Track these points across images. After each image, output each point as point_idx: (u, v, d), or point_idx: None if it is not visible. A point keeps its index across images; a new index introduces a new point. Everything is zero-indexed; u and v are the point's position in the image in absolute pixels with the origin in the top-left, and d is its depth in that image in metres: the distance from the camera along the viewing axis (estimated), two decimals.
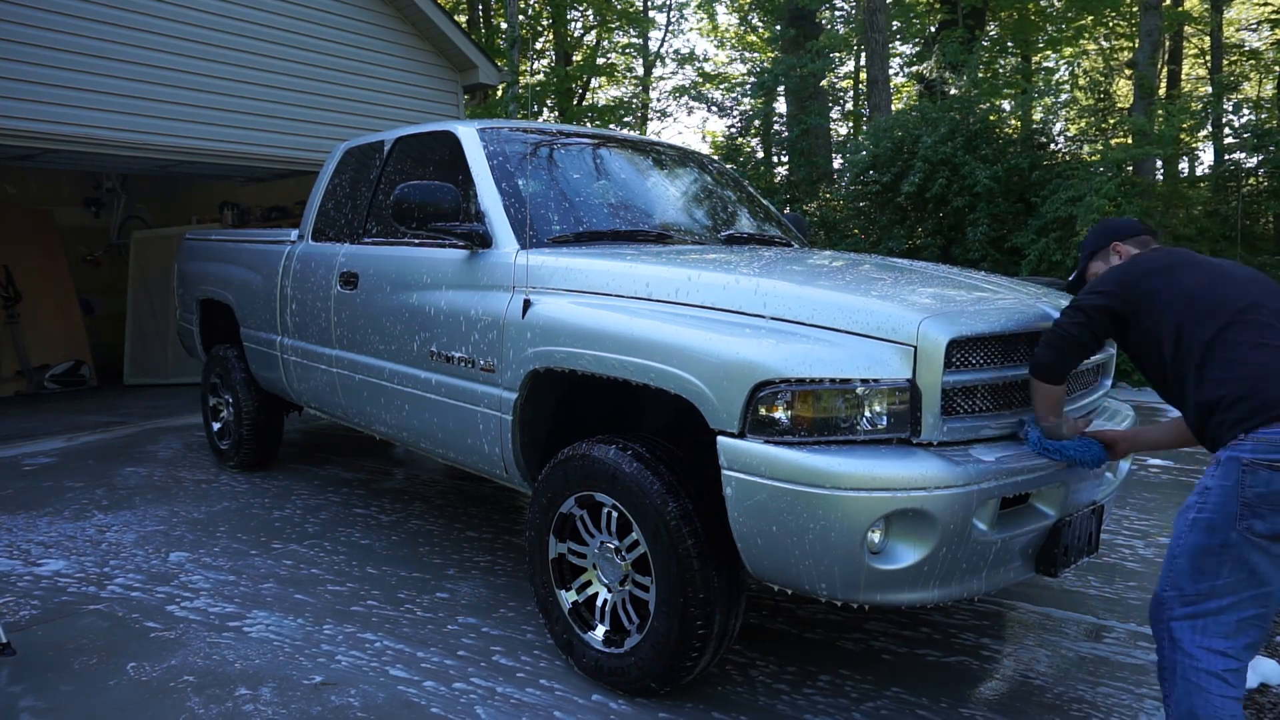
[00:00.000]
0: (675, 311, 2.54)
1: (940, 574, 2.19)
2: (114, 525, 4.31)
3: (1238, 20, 16.76)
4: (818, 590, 2.22)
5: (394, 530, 4.26)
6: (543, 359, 2.82)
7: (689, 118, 41.73)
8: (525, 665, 2.87)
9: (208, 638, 3.06)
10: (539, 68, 20.74)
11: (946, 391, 2.24)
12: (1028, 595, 3.49)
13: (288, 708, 2.59)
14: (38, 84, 6.04)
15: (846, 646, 3.06)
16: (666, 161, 4.18)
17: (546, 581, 2.85)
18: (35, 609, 3.30)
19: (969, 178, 9.90)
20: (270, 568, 3.74)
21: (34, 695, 2.66)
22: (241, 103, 7.27)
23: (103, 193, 10.54)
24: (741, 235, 3.89)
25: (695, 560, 2.38)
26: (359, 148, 4.43)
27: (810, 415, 2.19)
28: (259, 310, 4.84)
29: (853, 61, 19.36)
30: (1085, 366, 2.75)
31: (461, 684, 2.74)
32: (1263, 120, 11.44)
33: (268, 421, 5.22)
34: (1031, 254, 9.37)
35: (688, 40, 37.06)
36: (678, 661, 2.47)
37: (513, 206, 3.26)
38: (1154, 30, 10.58)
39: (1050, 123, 11.97)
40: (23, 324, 8.45)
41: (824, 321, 2.31)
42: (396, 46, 8.54)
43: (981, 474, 2.17)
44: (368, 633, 3.11)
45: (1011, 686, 2.80)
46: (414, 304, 3.48)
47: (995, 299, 2.55)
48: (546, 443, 3.08)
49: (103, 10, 6.37)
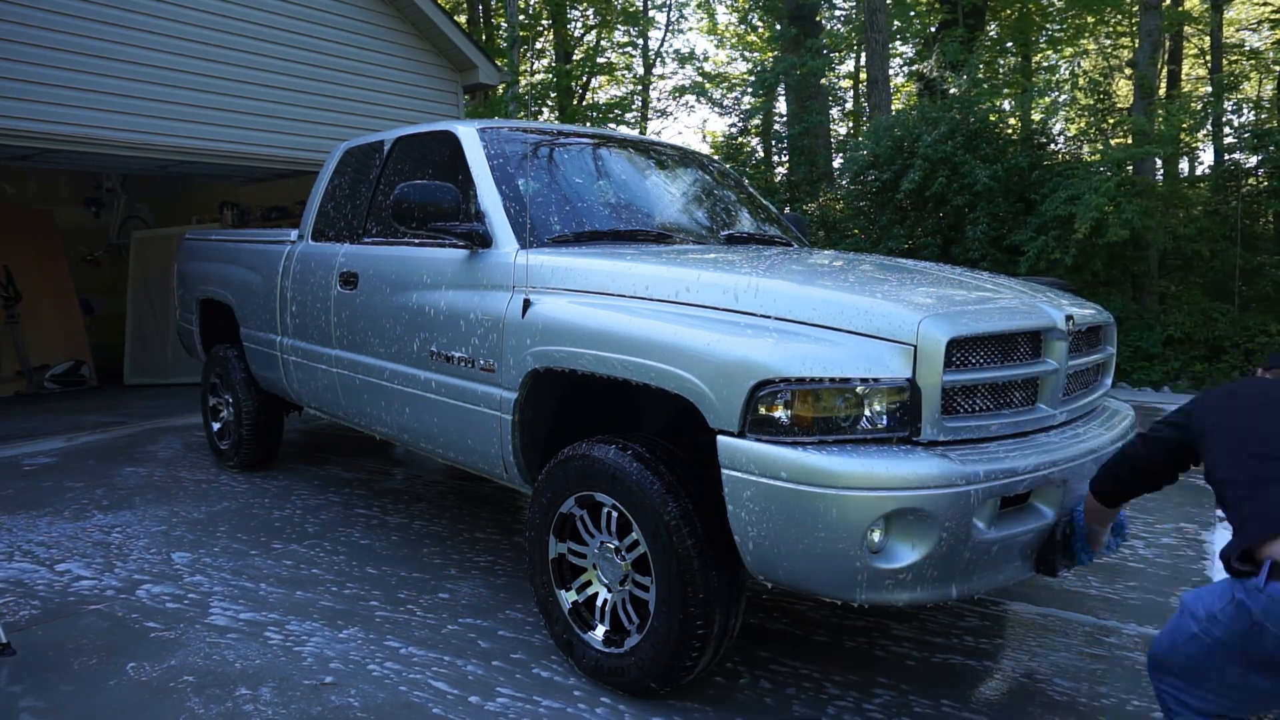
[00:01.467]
0: (675, 311, 2.54)
1: (940, 573, 2.19)
2: (114, 525, 4.31)
3: (1238, 20, 16.76)
4: (817, 590, 2.22)
5: (394, 530, 4.26)
6: (543, 359, 2.82)
7: (689, 118, 41.73)
8: (526, 666, 2.88)
9: (208, 638, 3.06)
10: (539, 67, 20.75)
11: (946, 391, 2.25)
12: (1028, 595, 3.49)
13: (288, 708, 2.59)
14: (38, 84, 6.04)
15: (846, 646, 3.06)
16: (667, 161, 4.18)
17: (546, 581, 2.85)
18: (35, 609, 3.30)
19: (969, 177, 9.90)
20: (270, 568, 3.74)
21: (34, 695, 2.66)
22: (241, 103, 7.27)
23: (103, 193, 10.54)
24: (742, 235, 3.89)
25: (695, 560, 2.38)
26: (359, 148, 4.43)
27: (810, 415, 2.19)
28: (259, 310, 4.84)
29: (853, 61, 19.37)
30: (1086, 367, 2.75)
31: (462, 684, 2.74)
32: (1262, 120, 11.44)
33: (268, 421, 5.22)
34: (1030, 252, 9.37)
35: (688, 40, 37.08)
36: (678, 661, 2.47)
37: (513, 206, 3.26)
38: (1154, 30, 10.58)
39: (1050, 122, 11.97)
40: (23, 324, 8.46)
41: (824, 321, 2.31)
42: (396, 46, 8.54)
43: (981, 473, 2.17)
44: (368, 633, 3.11)
45: (1011, 686, 2.80)
46: (414, 304, 3.48)
47: (996, 298, 2.55)
48: (546, 443, 3.07)
49: (103, 10, 6.37)
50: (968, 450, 2.27)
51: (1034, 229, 9.57)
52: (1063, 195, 9.29)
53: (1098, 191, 8.85)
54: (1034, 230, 9.56)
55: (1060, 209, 9.24)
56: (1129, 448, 2.22)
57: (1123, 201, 8.96)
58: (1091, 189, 8.94)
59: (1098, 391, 2.93)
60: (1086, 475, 2.49)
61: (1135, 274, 10.19)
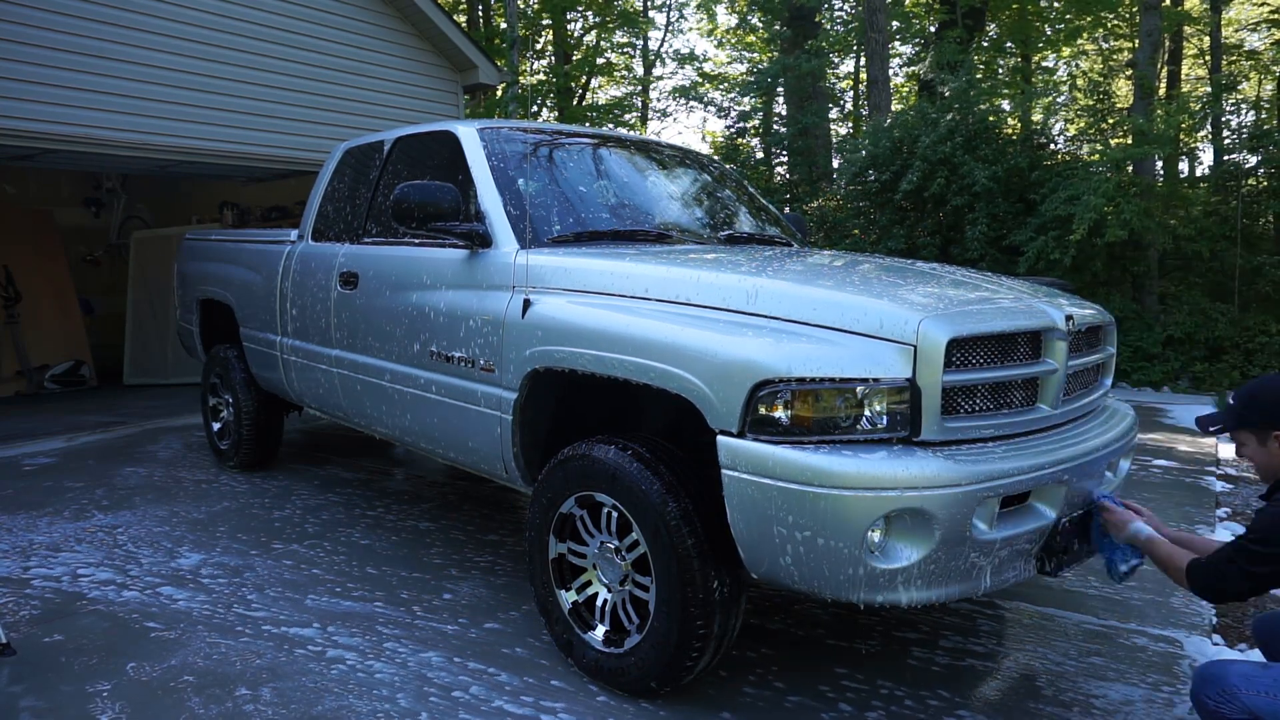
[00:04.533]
0: (675, 311, 2.54)
1: (940, 573, 2.19)
2: (114, 525, 4.31)
3: (1238, 20, 16.75)
4: (818, 590, 2.22)
5: (394, 530, 4.26)
6: (543, 359, 2.82)
7: (689, 118, 41.75)
8: (527, 666, 2.87)
9: (208, 637, 3.06)
10: (539, 67, 20.74)
11: (946, 391, 2.25)
12: (1028, 595, 3.49)
13: (288, 708, 2.59)
14: (38, 84, 6.03)
15: (846, 646, 3.06)
16: (666, 161, 4.18)
17: (546, 581, 2.85)
18: (35, 609, 3.30)
19: (968, 177, 9.90)
20: (270, 568, 3.74)
21: (34, 695, 2.66)
22: (241, 103, 7.27)
23: (103, 193, 10.53)
24: (741, 235, 3.89)
25: (695, 560, 2.38)
26: (359, 148, 4.43)
27: (810, 415, 2.19)
28: (259, 310, 4.84)
29: (852, 61, 19.37)
30: (1086, 367, 2.75)
31: (463, 684, 2.74)
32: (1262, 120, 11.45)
33: (268, 421, 5.22)
34: (1030, 252, 9.37)
35: (687, 40, 37.06)
36: (678, 661, 2.47)
37: (512, 206, 3.26)
38: (1154, 30, 10.58)
39: (1050, 122, 11.97)
40: (23, 324, 8.45)
41: (824, 321, 2.31)
42: (396, 46, 8.54)
43: (981, 473, 2.17)
44: (369, 633, 3.11)
45: (1011, 686, 2.80)
46: (414, 304, 3.48)
47: (996, 299, 2.55)
48: (546, 443, 3.07)
49: (103, 10, 6.36)
50: (968, 450, 2.27)
51: (1033, 229, 9.58)
52: (1062, 195, 9.29)
53: (1096, 192, 8.85)
54: (1033, 231, 9.56)
55: (1059, 209, 9.24)
56: (1228, 570, 2.11)
57: (1121, 202, 8.97)
58: (1091, 190, 8.94)
59: (1098, 392, 2.93)
60: (1087, 475, 2.49)
61: (1135, 274, 10.19)
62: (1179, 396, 8.74)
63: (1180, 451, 6.12)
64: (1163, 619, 3.29)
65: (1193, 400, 8.45)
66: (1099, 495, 2.55)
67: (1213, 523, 4.47)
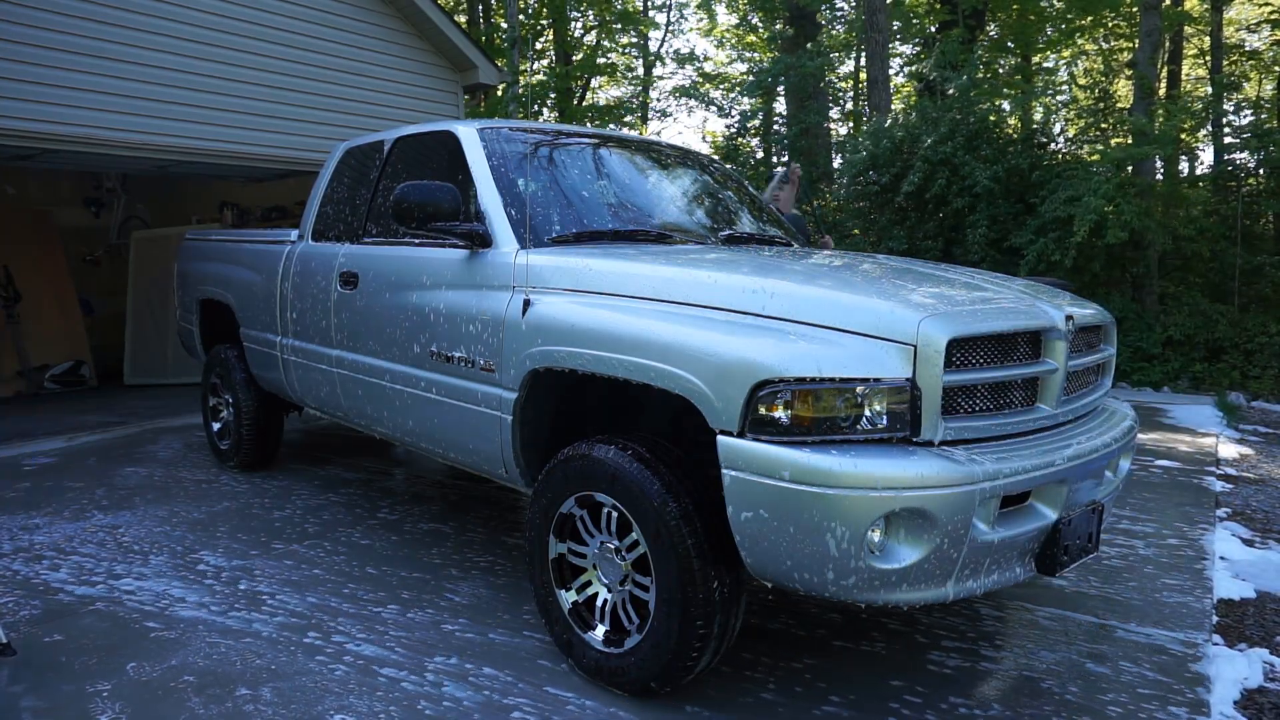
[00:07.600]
0: (675, 311, 2.54)
1: (940, 573, 2.19)
2: (114, 525, 4.31)
3: (1238, 20, 16.75)
4: (818, 590, 2.22)
5: (395, 530, 4.26)
6: (543, 359, 2.82)
7: (689, 118, 41.75)
8: (527, 666, 2.87)
9: (208, 637, 3.06)
10: (539, 68, 20.74)
11: (947, 391, 2.25)
12: (1028, 595, 3.49)
13: (288, 708, 2.59)
14: (38, 84, 6.04)
15: (846, 646, 3.06)
16: (666, 161, 4.18)
17: (546, 581, 2.85)
18: (35, 609, 3.30)
19: (969, 178, 9.90)
20: (271, 568, 3.74)
21: (34, 695, 2.66)
22: (241, 103, 7.27)
23: (103, 193, 10.53)
24: (741, 235, 3.89)
25: (695, 560, 2.38)
26: (359, 148, 4.43)
27: (810, 414, 2.19)
28: (259, 310, 4.84)
29: (853, 61, 19.36)
30: (1086, 367, 2.75)
31: (463, 684, 2.74)
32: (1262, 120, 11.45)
33: (268, 421, 5.22)
34: (1030, 253, 9.37)
35: (688, 40, 37.08)
36: (678, 661, 2.47)
37: (513, 206, 3.26)
38: (1154, 30, 10.58)
39: (1050, 122, 11.97)
40: (23, 324, 8.45)
41: (824, 321, 2.31)
42: (396, 46, 8.54)
43: (981, 473, 2.17)
44: (369, 633, 3.11)
45: (1012, 686, 2.80)
46: (414, 304, 3.48)
47: (996, 299, 2.56)
48: (547, 443, 3.07)
49: (103, 10, 6.37)
50: (968, 450, 2.27)
51: (1033, 230, 9.57)
52: (1062, 196, 9.29)
53: (1097, 193, 8.85)
54: (1033, 232, 9.56)
55: (1060, 210, 9.24)
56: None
57: (1121, 202, 8.97)
58: (1091, 190, 8.94)
59: (1098, 392, 2.93)
60: (1087, 475, 2.49)
61: (1135, 274, 10.19)
62: (1179, 396, 8.75)
63: (1180, 451, 6.12)
64: (1163, 619, 3.29)
65: (1193, 400, 8.45)
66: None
67: (1212, 523, 4.47)
